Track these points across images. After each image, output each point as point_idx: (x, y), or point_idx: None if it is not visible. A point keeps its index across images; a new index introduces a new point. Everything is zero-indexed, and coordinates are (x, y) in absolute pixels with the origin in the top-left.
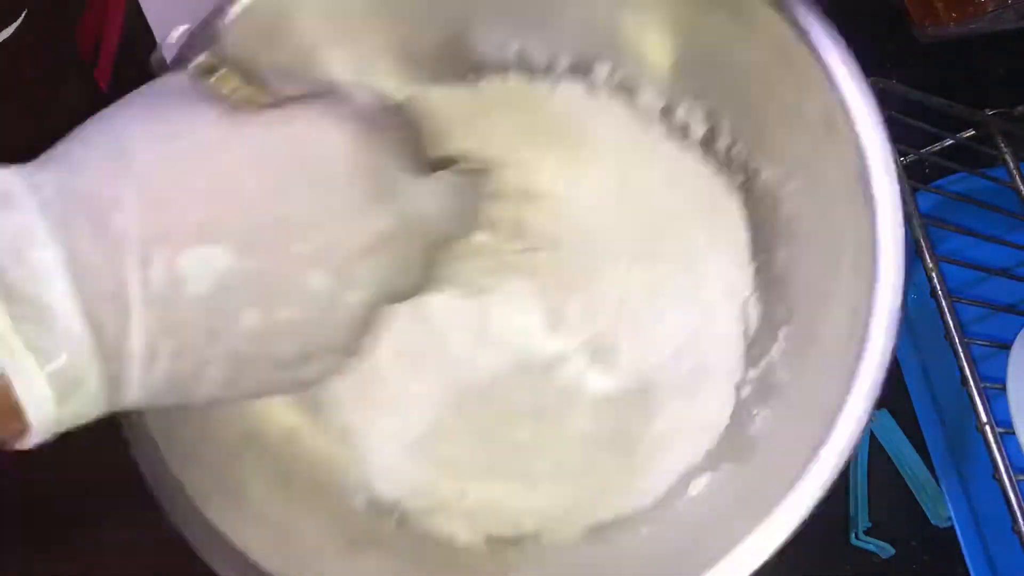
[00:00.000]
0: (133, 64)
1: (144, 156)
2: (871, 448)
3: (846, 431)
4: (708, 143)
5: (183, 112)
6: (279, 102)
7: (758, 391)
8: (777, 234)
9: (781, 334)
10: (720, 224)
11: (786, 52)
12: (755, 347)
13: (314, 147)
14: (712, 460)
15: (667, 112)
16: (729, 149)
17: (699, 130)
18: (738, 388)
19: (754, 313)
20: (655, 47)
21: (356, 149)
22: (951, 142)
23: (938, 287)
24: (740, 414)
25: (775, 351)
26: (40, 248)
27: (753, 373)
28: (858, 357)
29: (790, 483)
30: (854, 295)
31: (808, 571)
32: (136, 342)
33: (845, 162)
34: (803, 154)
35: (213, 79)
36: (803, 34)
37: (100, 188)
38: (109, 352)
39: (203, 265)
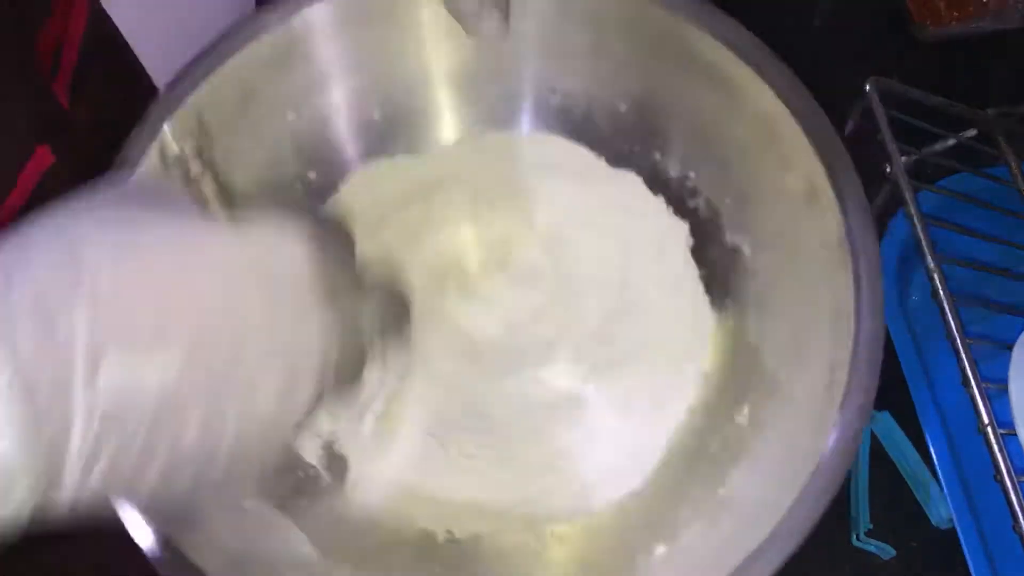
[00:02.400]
0: (93, 78)
1: (97, 259)
2: (872, 449)
3: (814, 492)
4: (684, 211)
5: (139, 214)
6: (236, 212)
7: (728, 452)
8: (746, 304)
9: (751, 398)
10: (685, 294)
11: (772, 126)
12: (721, 410)
13: (271, 258)
14: (679, 524)
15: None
16: (707, 220)
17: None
18: (699, 448)
19: (718, 378)
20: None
21: (310, 263)
22: (952, 142)
23: (939, 287)
24: (710, 475)
25: (744, 415)
26: None
27: (722, 434)
28: (830, 420)
29: (756, 543)
30: (831, 356)
31: (809, 572)
32: (76, 446)
33: (825, 228)
34: (783, 225)
35: (182, 176)
36: (790, 107)
37: (48, 290)
38: (47, 453)
39: (152, 372)
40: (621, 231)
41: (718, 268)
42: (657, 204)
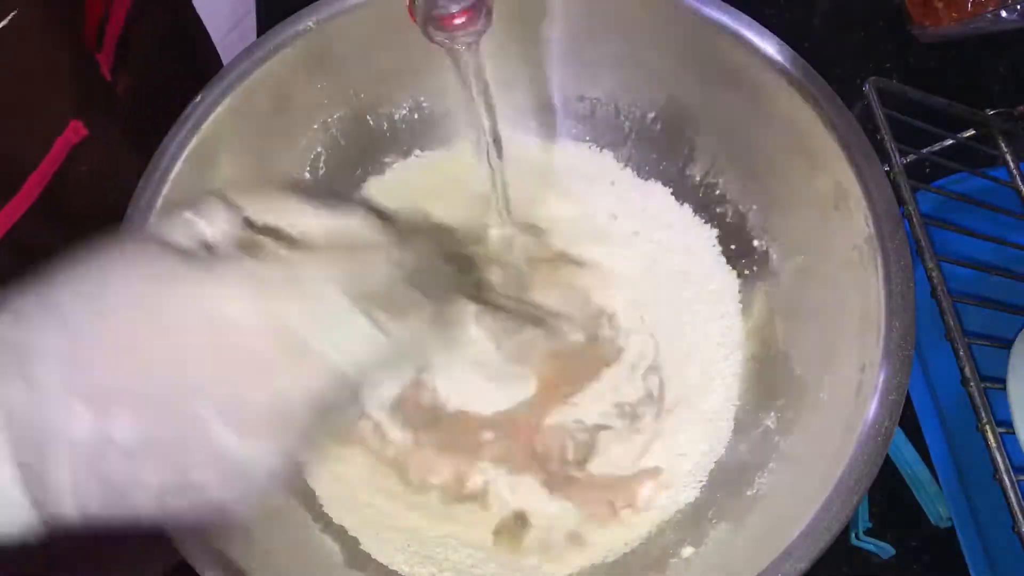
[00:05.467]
0: (136, 48)
1: (72, 313)
2: None
3: (842, 494)
4: (715, 218)
5: (116, 270)
6: (211, 256)
7: (756, 455)
8: (775, 309)
9: (779, 402)
10: (720, 303)
11: (800, 130)
12: (750, 415)
13: (221, 312)
14: (707, 525)
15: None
16: (734, 226)
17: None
18: (728, 452)
19: (750, 383)
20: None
21: (261, 313)
22: (951, 142)
23: (938, 287)
24: (739, 478)
25: (772, 418)
26: None
27: (750, 437)
28: (860, 421)
29: (785, 544)
30: (860, 357)
31: (807, 571)
32: (57, 480)
33: (854, 231)
34: (810, 229)
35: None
36: (820, 111)
37: (31, 339)
38: (33, 485)
39: (116, 424)
40: (650, 236)
41: (746, 274)
42: (684, 212)
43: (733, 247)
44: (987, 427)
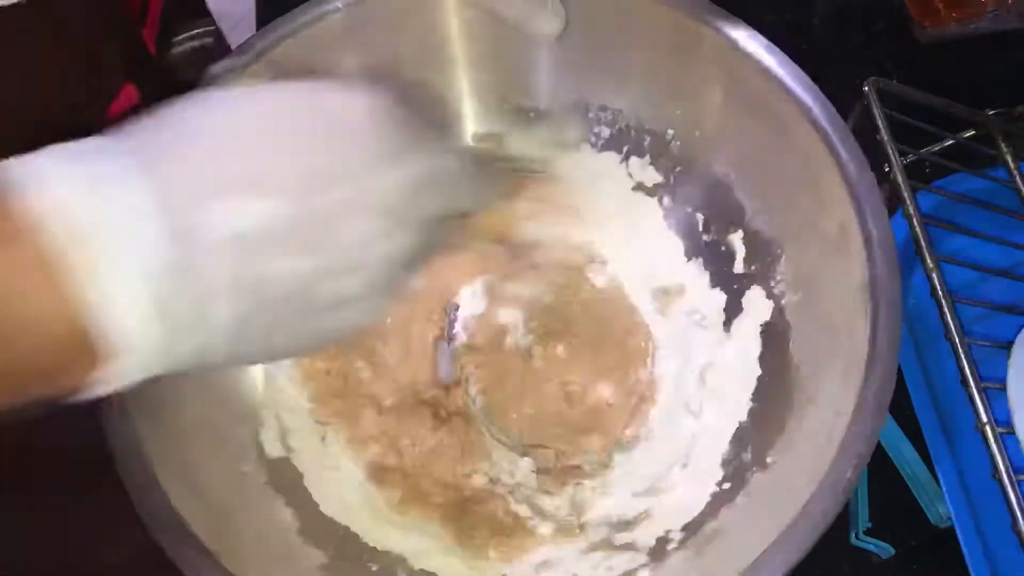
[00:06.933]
0: (176, 32)
1: (201, 123)
2: None
3: (800, 532)
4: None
5: (225, 93)
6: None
7: (727, 489)
8: (769, 344)
9: (758, 437)
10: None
11: (813, 166)
12: (733, 447)
13: (343, 107)
14: (664, 555)
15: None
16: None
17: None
18: (717, 486)
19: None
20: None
21: (378, 109)
22: (951, 142)
23: (938, 287)
24: (707, 509)
25: (749, 452)
26: (134, 189)
27: (727, 472)
28: (822, 472)
29: (773, 537)
30: (837, 404)
31: (808, 571)
32: (208, 275)
33: (851, 273)
34: (812, 267)
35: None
36: (832, 150)
37: (169, 148)
38: (187, 279)
39: (255, 213)
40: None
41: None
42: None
43: (729, 273)
44: (987, 427)
